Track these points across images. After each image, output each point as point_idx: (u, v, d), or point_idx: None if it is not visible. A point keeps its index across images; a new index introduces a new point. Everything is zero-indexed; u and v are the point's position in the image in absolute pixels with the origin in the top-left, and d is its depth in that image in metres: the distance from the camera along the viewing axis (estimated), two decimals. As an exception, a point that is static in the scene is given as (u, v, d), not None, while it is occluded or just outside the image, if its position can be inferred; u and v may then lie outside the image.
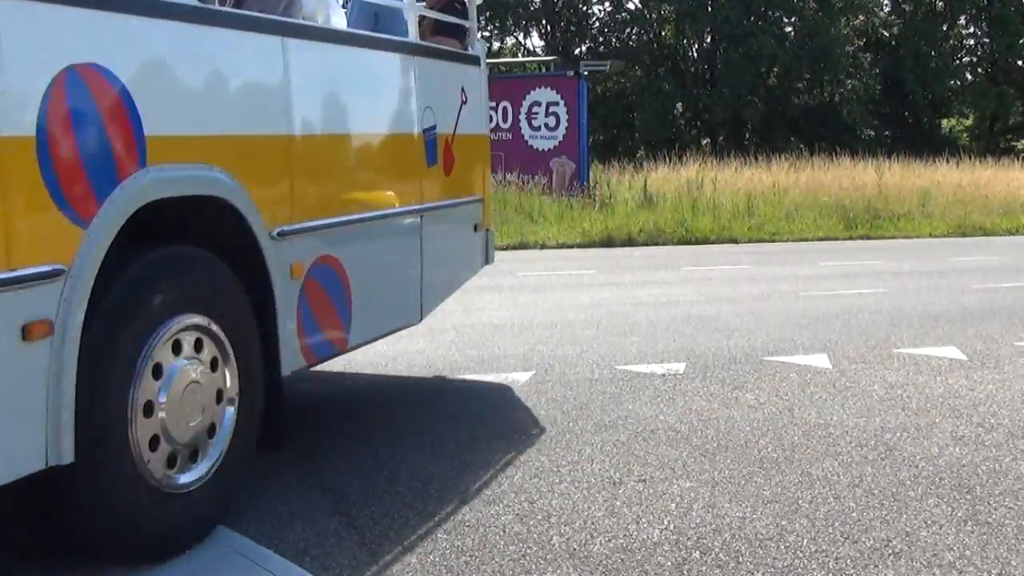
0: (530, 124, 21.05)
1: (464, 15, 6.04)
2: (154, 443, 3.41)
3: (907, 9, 42.47)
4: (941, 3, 42.56)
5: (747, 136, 39.75)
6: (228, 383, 3.76)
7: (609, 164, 25.75)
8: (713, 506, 4.15)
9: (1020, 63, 42.31)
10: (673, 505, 4.16)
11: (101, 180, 3.13)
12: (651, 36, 43.78)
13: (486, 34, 45.37)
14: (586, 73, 21.61)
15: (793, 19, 40.44)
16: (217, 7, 3.84)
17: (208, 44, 3.73)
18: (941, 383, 6.30)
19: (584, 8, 45.04)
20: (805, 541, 3.79)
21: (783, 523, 3.96)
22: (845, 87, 40.99)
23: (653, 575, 3.51)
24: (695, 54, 44.09)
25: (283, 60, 4.09)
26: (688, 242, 16.72)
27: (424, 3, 5.81)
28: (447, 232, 5.77)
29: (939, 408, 5.70)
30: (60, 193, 2.97)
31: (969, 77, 43.44)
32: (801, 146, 30.40)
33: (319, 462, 4.71)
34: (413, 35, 5.30)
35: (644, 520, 3.99)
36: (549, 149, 20.87)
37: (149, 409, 3.38)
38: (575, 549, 3.72)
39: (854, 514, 4.06)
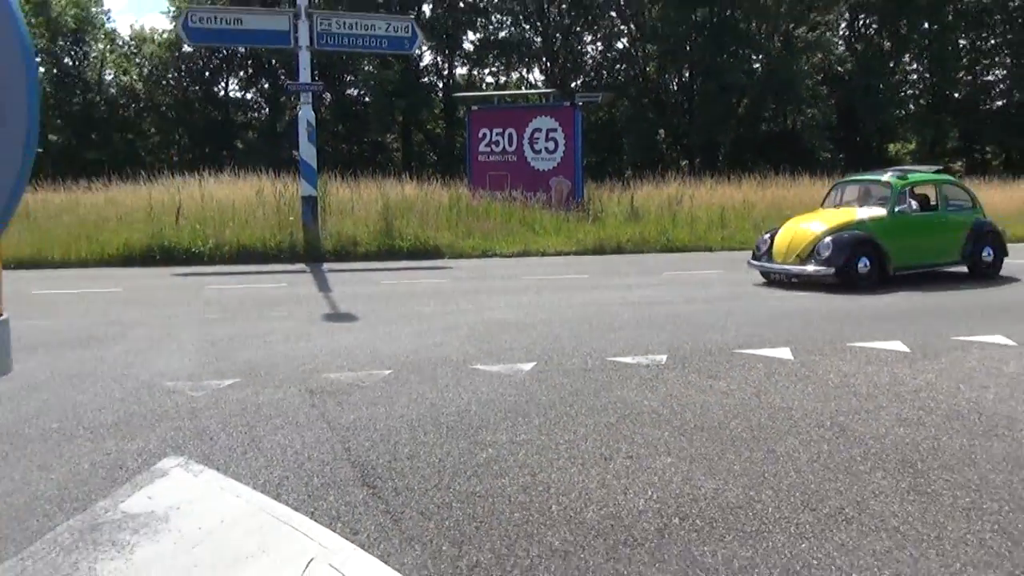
0: (532, 148, 21.10)
1: None
2: None
3: (859, 48, 42.48)
4: (888, 43, 42.53)
5: (720, 158, 39.65)
6: None
7: (601, 183, 25.73)
8: (691, 479, 4.15)
9: (956, 95, 42.33)
10: (656, 478, 4.16)
11: None
12: (637, 72, 43.71)
13: (493, 69, 45.46)
14: (581, 104, 21.68)
15: (760, 57, 40.40)
16: None
17: None
18: (888, 372, 6.29)
19: (579, 47, 45.10)
20: (770, 509, 3.79)
21: (751, 493, 3.96)
22: (805, 115, 41.00)
23: (639, 539, 3.51)
24: (675, 87, 44.06)
25: None
26: (669, 250, 16.72)
27: None
28: None
29: (886, 394, 5.69)
30: None
31: (912, 107, 43.41)
32: (767, 167, 30.30)
33: (349, 441, 4.72)
34: None
35: (631, 491, 3.99)
36: (549, 169, 20.93)
37: None
38: (571, 516, 3.73)
39: (812, 485, 4.06)
